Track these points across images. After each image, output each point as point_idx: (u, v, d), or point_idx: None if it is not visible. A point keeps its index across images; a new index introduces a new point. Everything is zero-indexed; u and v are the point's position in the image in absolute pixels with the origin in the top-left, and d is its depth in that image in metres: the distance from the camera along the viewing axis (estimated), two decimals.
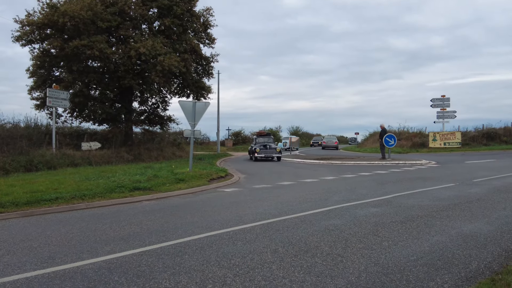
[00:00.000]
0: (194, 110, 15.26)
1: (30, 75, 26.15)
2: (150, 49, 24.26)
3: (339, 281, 4.43)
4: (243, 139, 62.81)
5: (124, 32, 25.42)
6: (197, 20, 29.11)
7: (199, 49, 29.42)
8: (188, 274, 4.69)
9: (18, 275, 4.73)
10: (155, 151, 28.96)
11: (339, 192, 11.26)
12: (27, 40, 24.97)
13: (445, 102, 37.82)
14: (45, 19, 23.68)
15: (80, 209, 9.23)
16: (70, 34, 24.16)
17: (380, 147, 25.59)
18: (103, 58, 24.03)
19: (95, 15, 23.55)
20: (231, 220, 7.69)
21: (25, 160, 17.95)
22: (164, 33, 27.34)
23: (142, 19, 26.79)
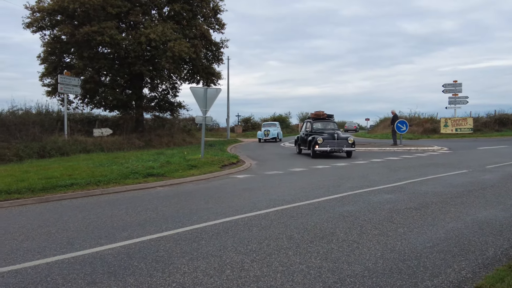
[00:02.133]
0: (206, 96, 15.25)
1: (41, 62, 26.24)
2: (160, 35, 24.20)
3: (356, 268, 4.46)
4: (252, 125, 62.75)
5: (134, 18, 25.35)
6: (206, 5, 28.92)
7: (208, 35, 29.29)
8: (206, 260, 4.74)
9: (39, 261, 4.81)
10: (166, 137, 29.06)
11: (352, 178, 11.26)
12: (38, 27, 25.03)
13: (457, 88, 37.40)
14: (55, 5, 23.69)
15: (96, 195, 9.34)
16: (81, 20, 24.17)
17: (392, 133, 25.48)
18: (114, 44, 24.03)
19: (105, 1, 23.49)
20: (245, 206, 7.74)
21: (38, 147, 18.11)
22: (174, 19, 27.22)
23: (152, 5, 26.68)
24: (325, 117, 21.23)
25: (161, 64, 25.72)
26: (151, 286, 4.01)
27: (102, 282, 4.14)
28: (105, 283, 4.11)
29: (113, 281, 4.15)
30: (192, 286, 4.00)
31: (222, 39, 31.34)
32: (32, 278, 4.26)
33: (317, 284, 4.01)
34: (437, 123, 38.76)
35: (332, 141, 18.28)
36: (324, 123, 20.85)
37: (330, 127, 20.22)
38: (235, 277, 4.22)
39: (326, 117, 21.24)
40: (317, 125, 20.61)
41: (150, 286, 4.01)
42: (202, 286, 4.00)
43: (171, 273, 4.36)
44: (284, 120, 64.86)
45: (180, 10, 26.61)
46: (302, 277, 4.20)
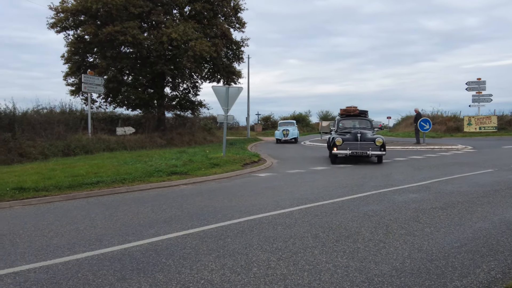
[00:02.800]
0: (227, 95, 15.32)
1: (65, 62, 26.70)
2: (182, 34, 24.38)
3: (383, 267, 4.43)
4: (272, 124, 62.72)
5: (156, 17, 25.60)
6: (227, 4, 29.02)
7: (229, 34, 29.39)
8: (233, 257, 4.78)
9: (69, 257, 4.92)
10: (187, 135, 29.28)
11: (375, 177, 11.17)
12: (62, 27, 25.49)
13: (481, 85, 36.68)
14: (78, 6, 24.09)
15: (121, 192, 9.49)
16: (103, 20, 24.51)
17: (415, 132, 25.17)
18: (136, 44, 24.31)
19: (128, 1, 23.77)
20: (268, 204, 7.75)
21: (62, 145, 18.45)
22: (195, 18, 27.38)
23: (173, 4, 26.89)
24: (357, 113, 17.49)
25: (182, 63, 25.92)
26: (180, 283, 4.07)
27: (132, 278, 4.21)
28: (134, 279, 4.18)
29: (142, 278, 4.21)
30: (220, 284, 4.04)
31: (243, 37, 31.45)
32: (63, 274, 4.36)
33: (345, 283, 4.01)
34: (461, 121, 38.09)
35: (354, 142, 14.75)
36: (354, 120, 17.41)
37: (361, 126, 16.78)
38: (262, 275, 4.24)
39: (358, 114, 17.50)
40: (345, 123, 17.22)
41: (179, 283, 4.07)
42: (230, 284, 4.03)
43: (199, 270, 4.41)
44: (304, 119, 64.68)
45: (201, 10, 26.77)
46: (329, 276, 4.20)
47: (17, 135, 17.14)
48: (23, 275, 4.37)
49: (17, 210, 7.87)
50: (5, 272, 4.47)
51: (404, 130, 42.72)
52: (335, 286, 3.96)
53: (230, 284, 4.03)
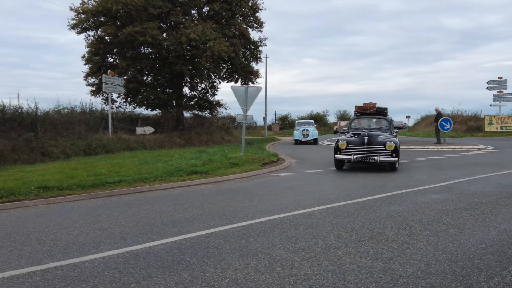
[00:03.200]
0: (247, 95, 15.35)
1: (86, 62, 27.03)
2: (200, 34, 24.50)
3: (408, 268, 4.40)
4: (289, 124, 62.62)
5: (174, 18, 25.76)
6: (245, 4, 29.05)
7: (247, 34, 29.42)
8: (256, 257, 4.79)
9: (95, 255, 5.00)
10: (205, 135, 29.42)
11: (396, 178, 11.08)
12: (82, 28, 25.81)
13: (502, 84, 36.08)
14: (99, 7, 24.37)
15: (143, 191, 9.59)
16: (123, 21, 24.76)
17: (435, 131, 24.89)
18: (155, 44, 24.50)
19: (147, 2, 23.97)
20: (289, 204, 7.76)
21: (84, 144, 18.71)
22: (213, 18, 27.49)
23: (192, 5, 27.03)
24: (374, 112, 14.87)
25: (201, 63, 26.05)
26: (205, 281, 4.10)
27: (158, 276, 4.26)
28: (160, 277, 4.23)
29: (168, 276, 4.26)
30: (245, 283, 4.06)
31: (261, 37, 31.44)
32: (90, 272, 4.43)
33: (370, 284, 3.99)
34: (481, 121, 37.51)
35: (359, 146, 12.64)
36: (370, 120, 15.12)
37: (378, 126, 14.65)
38: (286, 274, 4.25)
39: (375, 112, 14.88)
40: (359, 123, 15.01)
41: (204, 281, 4.10)
42: (254, 283, 4.05)
43: (223, 269, 4.44)
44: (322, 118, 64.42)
45: (219, 10, 26.86)
46: (353, 276, 4.18)
47: (39, 134, 17.42)
48: (50, 272, 4.46)
49: (41, 208, 8.02)
50: (33, 269, 4.56)
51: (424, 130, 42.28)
52: (360, 286, 3.94)
53: (254, 283, 4.05)
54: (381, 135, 13.26)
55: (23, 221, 6.94)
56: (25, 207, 8.10)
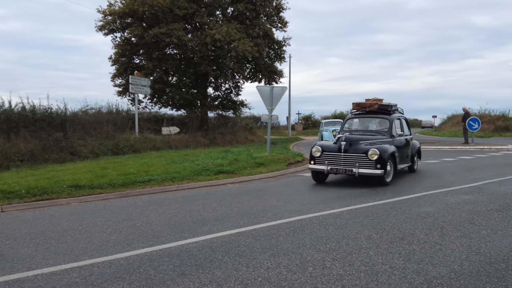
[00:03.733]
0: (272, 95, 15.37)
1: (113, 63, 27.46)
2: (225, 35, 24.62)
3: (441, 269, 4.37)
4: (313, 123, 62.32)
5: (199, 19, 25.96)
6: (269, 4, 29.06)
7: (271, 33, 29.42)
8: (287, 256, 4.83)
9: (129, 252, 5.11)
10: (229, 135, 29.56)
11: (425, 178, 10.95)
12: (109, 29, 26.23)
13: None
14: (125, 8, 24.73)
15: (171, 190, 9.74)
16: (149, 22, 25.07)
17: (463, 131, 24.46)
18: (181, 45, 24.73)
19: (173, 3, 24.22)
20: (317, 204, 7.77)
21: (111, 144, 19.04)
22: (237, 19, 27.60)
23: (216, 5, 27.19)
24: (375, 109, 11.67)
25: (225, 63, 26.19)
26: (238, 280, 4.15)
27: (192, 274, 4.33)
28: (194, 275, 4.31)
29: (201, 274, 4.33)
30: (278, 282, 4.10)
31: (285, 37, 31.34)
32: (126, 269, 4.54)
33: (403, 285, 3.98)
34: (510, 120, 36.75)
35: (335, 154, 9.94)
36: (370, 120, 12.07)
37: (379, 128, 11.48)
38: (318, 274, 4.27)
39: (377, 109, 11.66)
40: (355, 124, 12.20)
41: (237, 280, 4.15)
42: (287, 282, 4.09)
43: (255, 267, 4.48)
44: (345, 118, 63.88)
45: (243, 10, 26.95)
46: (386, 277, 4.17)
47: (68, 134, 17.81)
48: (87, 269, 4.58)
49: (74, 206, 8.23)
50: (70, 266, 4.69)
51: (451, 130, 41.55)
52: (393, 287, 3.93)
53: (287, 282, 4.08)
54: (368, 140, 10.28)
55: (57, 219, 7.13)
56: (58, 206, 8.32)
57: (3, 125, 16.85)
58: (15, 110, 18.02)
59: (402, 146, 11.25)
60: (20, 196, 8.60)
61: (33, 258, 4.97)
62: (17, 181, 9.93)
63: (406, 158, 11.70)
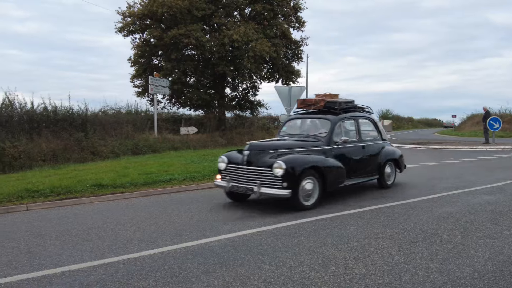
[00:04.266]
0: (290, 95, 15.41)
1: (132, 64, 27.79)
2: (243, 35, 24.71)
3: (464, 269, 4.36)
4: None
5: (217, 20, 26.11)
6: (287, 4, 29.06)
7: (289, 33, 29.42)
8: (309, 255, 4.86)
9: (153, 250, 5.21)
10: (246, 135, 29.62)
11: (446, 178, 10.85)
12: (129, 31, 26.55)
13: None
14: (145, 10, 25.01)
15: (192, 190, 9.85)
16: (168, 23, 25.30)
17: (484, 131, 24.11)
18: (199, 46, 24.90)
19: (191, 4, 24.41)
20: (337, 204, 7.77)
21: (131, 144, 19.29)
22: (255, 19, 27.67)
23: (234, 6, 27.31)
24: (319, 109, 9.30)
25: (243, 64, 26.29)
26: (261, 278, 4.21)
27: (215, 271, 4.40)
28: (218, 272, 4.37)
29: (225, 271, 4.40)
30: (301, 280, 4.14)
31: (302, 37, 31.29)
32: (151, 266, 4.63)
33: (427, 285, 3.98)
34: None
35: (238, 167, 7.80)
36: (310, 122, 9.48)
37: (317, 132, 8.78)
38: (341, 273, 4.30)
39: (322, 108, 9.24)
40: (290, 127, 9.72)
41: (261, 278, 4.21)
42: (310, 281, 4.12)
43: (278, 266, 4.53)
44: None
45: (261, 10, 27.01)
46: (409, 276, 4.18)
47: (89, 134, 18.11)
48: (113, 266, 4.68)
49: (97, 205, 8.38)
50: (97, 263, 4.80)
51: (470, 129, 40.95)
52: (416, 287, 3.94)
53: (310, 281, 4.12)
54: (284, 149, 7.85)
55: (82, 217, 7.28)
56: (81, 204, 8.49)
57: (25, 125, 17.22)
58: (37, 110, 18.41)
59: (357, 155, 8.86)
60: (45, 195, 8.80)
61: (60, 255, 5.09)
62: (41, 180, 10.16)
63: (368, 170, 9.19)
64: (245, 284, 4.06)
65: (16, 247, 5.50)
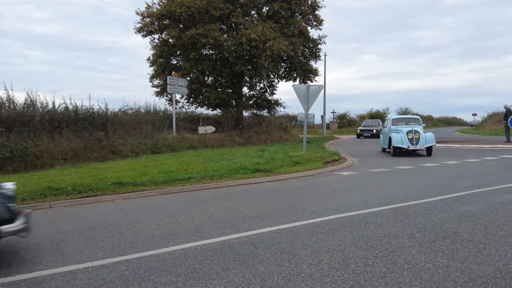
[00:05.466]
0: (308, 93, 15.37)
1: (151, 64, 28.07)
2: (260, 34, 24.75)
3: (486, 268, 4.31)
4: (348, 122, 61.69)
5: (235, 19, 26.20)
6: (305, 3, 29.00)
7: (307, 32, 29.34)
8: (329, 253, 4.87)
9: (174, 247, 5.28)
10: (263, 134, 29.67)
11: (466, 177, 10.72)
12: (148, 31, 26.82)
13: None
14: (163, 10, 25.23)
15: (210, 188, 9.93)
16: (186, 23, 25.48)
17: (505, 130, 23.69)
18: (217, 45, 25.02)
19: (209, 4, 24.55)
20: (356, 203, 7.74)
21: (150, 143, 19.50)
22: (272, 18, 27.68)
23: (252, 5, 27.35)
24: None
25: (260, 63, 26.31)
26: (281, 275, 4.23)
27: (235, 268, 4.45)
28: (237, 269, 4.42)
29: (245, 268, 4.44)
30: (320, 278, 4.15)
31: (320, 35, 31.21)
32: (172, 263, 4.70)
33: (447, 283, 3.96)
34: None
35: None
36: None
37: None
38: (360, 271, 4.29)
39: None
40: None
41: (280, 275, 4.23)
42: (330, 278, 4.13)
43: (297, 264, 4.55)
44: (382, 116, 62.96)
45: (279, 9, 27.01)
46: (430, 275, 4.16)
47: (109, 134, 18.34)
48: (135, 262, 4.76)
49: (118, 203, 8.51)
50: (119, 259, 4.89)
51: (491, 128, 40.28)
52: (437, 285, 3.92)
53: (330, 278, 4.13)
54: None
55: (104, 215, 7.41)
56: (103, 202, 8.64)
57: (47, 124, 17.53)
58: (58, 110, 18.71)
59: None
60: (67, 193, 8.97)
61: (83, 252, 5.20)
62: (62, 178, 10.35)
63: None
64: (265, 281, 4.09)
65: (40, 244, 5.63)
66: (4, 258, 5.06)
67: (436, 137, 19.40)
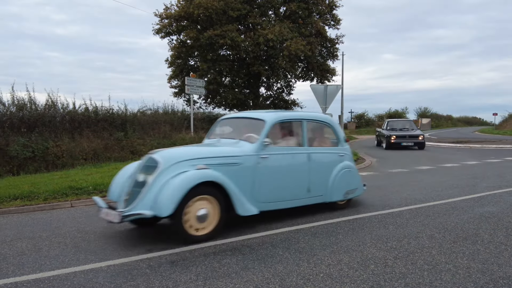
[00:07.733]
0: (326, 93, 15.31)
1: (169, 65, 28.34)
2: (278, 34, 24.76)
3: (507, 270, 4.27)
4: (366, 122, 61.25)
5: (252, 19, 26.27)
6: (322, 2, 28.91)
7: (324, 32, 29.24)
8: (348, 254, 4.87)
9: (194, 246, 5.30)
10: None
11: (487, 178, 10.58)
12: (166, 32, 27.09)
13: None
14: (181, 12, 25.44)
15: None
16: (204, 24, 25.66)
17: None
18: (234, 46, 25.12)
19: (227, 5, 24.67)
20: (375, 203, 7.71)
21: (169, 143, 19.63)
22: (290, 18, 27.67)
23: (269, 5, 27.38)
24: None
25: (277, 63, 26.32)
26: (300, 275, 4.25)
27: (254, 267, 4.48)
28: (257, 268, 4.45)
29: (264, 267, 4.47)
30: (339, 278, 4.16)
31: (337, 35, 31.06)
32: (191, 261, 4.74)
33: (468, 284, 3.93)
34: None
35: None
36: None
37: None
38: (380, 272, 4.29)
39: None
40: None
41: (299, 275, 4.25)
42: (349, 278, 4.14)
43: (316, 263, 4.56)
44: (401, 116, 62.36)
45: (296, 9, 26.98)
46: (450, 276, 4.13)
47: (128, 134, 18.56)
48: (156, 260, 4.83)
49: None
50: (140, 257, 4.96)
51: None
52: (457, 286, 3.89)
53: (349, 279, 4.13)
54: None
55: None
56: None
57: (67, 125, 17.82)
58: (78, 111, 19.00)
59: None
60: (88, 192, 9.12)
61: (105, 250, 5.29)
62: (83, 178, 10.51)
63: None
64: (284, 281, 4.12)
65: (62, 242, 5.74)
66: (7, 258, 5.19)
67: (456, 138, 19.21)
